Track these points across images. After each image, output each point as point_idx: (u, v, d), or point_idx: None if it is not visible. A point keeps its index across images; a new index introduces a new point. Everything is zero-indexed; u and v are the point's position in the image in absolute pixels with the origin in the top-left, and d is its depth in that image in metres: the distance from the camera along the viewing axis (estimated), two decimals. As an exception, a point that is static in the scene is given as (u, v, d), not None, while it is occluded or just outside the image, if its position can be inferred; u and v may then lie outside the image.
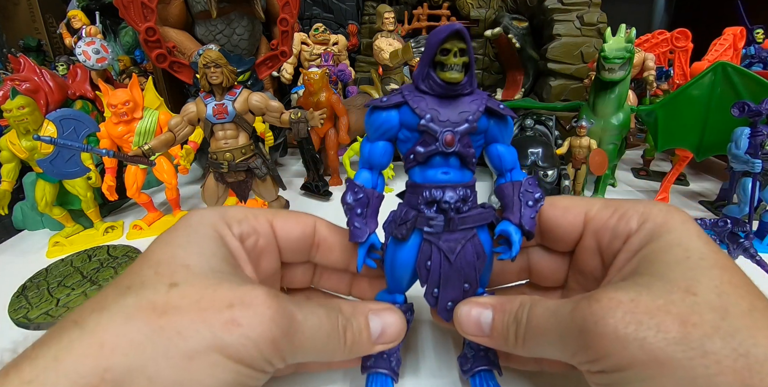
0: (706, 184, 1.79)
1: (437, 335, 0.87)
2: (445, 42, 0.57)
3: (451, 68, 0.58)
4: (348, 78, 2.33)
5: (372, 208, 0.66)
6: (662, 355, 0.40)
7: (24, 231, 1.52)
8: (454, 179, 0.64)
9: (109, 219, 1.57)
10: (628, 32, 1.34)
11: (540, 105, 1.76)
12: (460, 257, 0.63)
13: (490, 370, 0.70)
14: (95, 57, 1.53)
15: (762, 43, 2.09)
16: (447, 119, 0.61)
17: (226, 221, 0.59)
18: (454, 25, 0.56)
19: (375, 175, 0.67)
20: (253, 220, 0.62)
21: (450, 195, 0.62)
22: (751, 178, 1.17)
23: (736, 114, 1.13)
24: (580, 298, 0.49)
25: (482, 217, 0.65)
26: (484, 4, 2.34)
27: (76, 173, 1.36)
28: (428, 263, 0.64)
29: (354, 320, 0.57)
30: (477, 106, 0.62)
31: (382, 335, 0.59)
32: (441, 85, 0.59)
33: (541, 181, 1.39)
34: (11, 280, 1.18)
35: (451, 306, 0.65)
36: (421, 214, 0.63)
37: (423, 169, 0.64)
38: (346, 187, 0.66)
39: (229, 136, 1.11)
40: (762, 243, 1.24)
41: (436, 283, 0.64)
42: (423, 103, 0.61)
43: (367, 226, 0.64)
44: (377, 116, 0.63)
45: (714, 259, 0.47)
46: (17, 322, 1.02)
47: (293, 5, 1.82)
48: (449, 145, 0.61)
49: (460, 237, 0.64)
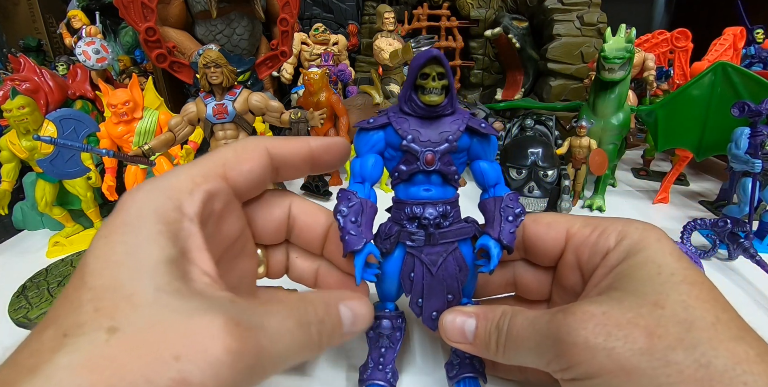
0: (706, 184, 1.79)
1: (429, 343, 0.88)
2: (424, 67, 0.60)
3: (431, 92, 0.61)
4: (348, 78, 2.33)
5: (366, 216, 0.66)
6: (628, 365, 0.43)
7: (24, 231, 1.52)
8: (436, 196, 0.67)
9: (109, 219, 1.57)
10: (628, 32, 1.34)
11: (540, 105, 1.77)
12: (441, 269, 0.67)
13: (475, 378, 0.73)
14: (95, 57, 1.53)
15: (762, 43, 2.09)
16: (428, 139, 0.65)
17: (174, 200, 0.49)
18: (431, 51, 0.60)
19: (367, 188, 0.68)
20: (203, 184, 0.52)
21: (430, 211, 0.66)
22: (751, 178, 1.17)
23: (736, 114, 1.13)
24: (556, 311, 0.52)
25: (463, 231, 0.68)
26: (484, 4, 2.34)
27: (76, 173, 1.36)
28: (411, 275, 0.68)
29: (327, 320, 0.52)
30: (457, 126, 0.65)
31: (352, 325, 0.57)
32: (422, 108, 0.63)
33: (541, 181, 1.40)
34: (11, 280, 1.18)
35: (435, 315, 0.69)
36: (404, 229, 0.67)
37: (406, 186, 0.68)
38: (339, 197, 0.65)
39: (229, 136, 1.11)
40: (762, 243, 1.24)
41: (419, 294, 0.68)
42: (406, 125, 0.65)
43: (363, 234, 0.64)
44: (364, 136, 0.67)
45: (683, 275, 0.50)
46: (17, 322, 1.02)
47: (293, 5, 1.82)
48: (429, 164, 0.65)
49: (441, 250, 0.67)
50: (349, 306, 0.56)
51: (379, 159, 0.68)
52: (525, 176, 1.41)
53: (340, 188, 0.67)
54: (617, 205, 1.57)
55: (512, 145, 1.52)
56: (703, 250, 1.20)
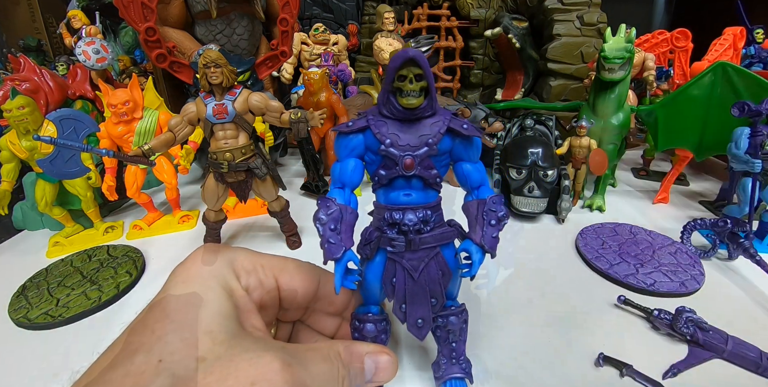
0: (706, 184, 1.79)
1: (417, 345, 0.89)
2: (400, 69, 0.58)
3: (409, 94, 0.60)
4: (348, 78, 2.33)
5: (346, 223, 0.64)
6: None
7: (24, 231, 1.52)
8: (416, 201, 0.66)
9: (109, 219, 1.57)
10: (628, 32, 1.34)
11: (540, 105, 1.77)
12: (423, 274, 0.67)
13: (461, 378, 0.74)
14: (95, 57, 1.53)
15: (762, 43, 2.09)
16: (407, 143, 0.63)
17: (235, 271, 0.61)
18: (407, 51, 0.57)
19: (347, 193, 0.67)
20: (260, 273, 0.64)
21: (410, 217, 0.65)
22: (751, 178, 1.17)
23: (736, 114, 1.13)
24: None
25: (444, 236, 0.68)
26: (484, 4, 2.34)
27: (76, 173, 1.36)
28: (393, 280, 0.67)
29: (351, 367, 0.61)
30: (438, 128, 0.63)
31: (376, 375, 0.64)
32: (400, 110, 0.61)
33: (541, 181, 1.40)
34: (11, 280, 1.19)
35: (421, 323, 0.68)
36: (384, 235, 0.66)
37: (386, 190, 0.67)
38: (318, 204, 0.64)
39: (229, 136, 1.11)
40: (762, 243, 1.24)
41: (402, 299, 0.68)
42: (384, 128, 0.63)
43: (343, 242, 0.63)
44: (343, 140, 0.65)
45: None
46: (17, 322, 1.02)
47: (293, 5, 1.82)
48: (408, 169, 0.63)
49: (423, 255, 0.67)
50: (374, 359, 0.64)
51: (359, 163, 0.67)
52: (525, 176, 1.41)
53: (319, 196, 0.66)
54: (617, 205, 1.57)
55: (512, 145, 1.52)
56: (703, 250, 1.20)
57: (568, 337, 0.91)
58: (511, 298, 1.04)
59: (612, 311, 0.99)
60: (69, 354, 0.92)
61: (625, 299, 0.98)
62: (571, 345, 0.89)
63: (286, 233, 1.33)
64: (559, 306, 1.01)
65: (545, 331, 0.93)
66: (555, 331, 0.93)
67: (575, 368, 0.83)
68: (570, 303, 1.02)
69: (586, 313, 0.99)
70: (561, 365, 0.84)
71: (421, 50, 1.72)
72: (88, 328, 1.00)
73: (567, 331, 0.93)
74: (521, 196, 1.41)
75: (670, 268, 1.12)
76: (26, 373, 0.88)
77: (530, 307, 1.01)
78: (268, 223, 1.47)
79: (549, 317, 0.98)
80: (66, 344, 0.95)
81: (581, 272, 1.15)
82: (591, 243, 1.25)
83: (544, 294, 1.06)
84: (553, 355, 0.86)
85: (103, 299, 1.07)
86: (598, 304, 1.02)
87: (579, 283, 1.11)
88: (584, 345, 0.89)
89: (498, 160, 1.62)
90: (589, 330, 0.93)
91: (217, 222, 1.23)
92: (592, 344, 0.89)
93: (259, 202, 1.58)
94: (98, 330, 0.99)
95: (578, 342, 0.90)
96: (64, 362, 0.90)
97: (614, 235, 1.30)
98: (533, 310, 1.00)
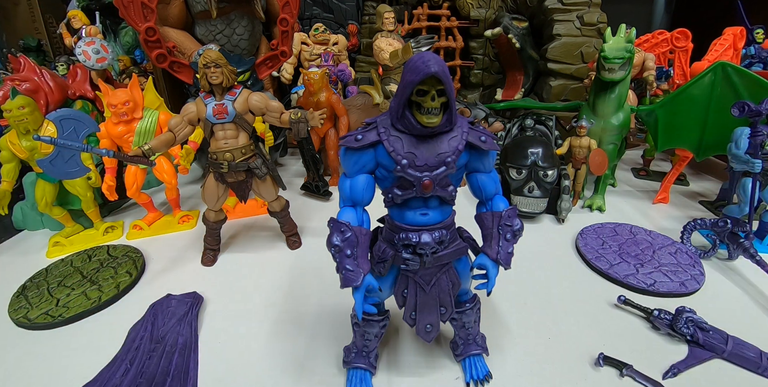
0: (706, 184, 1.79)
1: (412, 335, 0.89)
2: (421, 83, 0.54)
3: (429, 112, 0.55)
4: (348, 78, 2.33)
5: (362, 247, 0.62)
6: None
7: (24, 231, 1.52)
8: (433, 220, 0.63)
9: (109, 219, 1.57)
10: (628, 32, 1.34)
11: (540, 105, 1.76)
12: (435, 287, 0.67)
13: (479, 354, 0.78)
14: (95, 57, 1.53)
15: (762, 43, 2.09)
16: (424, 163, 0.59)
17: None
18: (429, 65, 0.52)
19: (359, 212, 0.64)
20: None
21: (426, 240, 0.61)
22: (751, 178, 1.17)
23: (736, 114, 1.13)
24: None
25: (457, 252, 0.67)
26: (484, 4, 2.34)
27: (76, 173, 1.36)
28: (405, 292, 0.67)
29: None
30: (456, 144, 0.60)
31: None
32: (418, 129, 0.57)
33: (541, 181, 1.40)
34: (11, 280, 1.19)
35: (430, 328, 0.69)
36: (398, 254, 0.64)
37: (401, 209, 0.63)
38: (330, 228, 0.62)
39: (229, 136, 1.11)
40: (762, 243, 1.24)
41: (413, 308, 0.68)
42: (399, 144, 0.59)
43: (360, 268, 0.61)
44: (352, 156, 0.61)
45: None
46: (17, 322, 1.02)
47: (293, 5, 1.82)
48: (427, 191, 0.59)
49: (435, 270, 0.66)
50: None
51: (371, 179, 0.63)
52: (525, 176, 1.41)
53: (331, 217, 0.63)
54: (617, 205, 1.57)
55: (512, 145, 1.52)
56: (703, 250, 1.20)
57: (568, 337, 0.91)
58: (510, 298, 1.04)
59: (612, 311, 0.99)
60: (69, 354, 0.92)
61: (625, 299, 0.98)
62: (570, 345, 0.89)
63: (286, 233, 1.33)
64: (559, 306, 1.02)
65: (544, 331, 0.93)
66: (554, 331, 0.93)
67: (575, 368, 0.83)
68: (570, 303, 1.03)
69: (586, 313, 0.99)
70: (561, 365, 0.84)
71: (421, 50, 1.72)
72: (88, 328, 1.00)
73: (567, 331, 0.93)
74: (521, 196, 1.41)
75: (670, 268, 1.12)
76: (26, 373, 0.88)
77: (529, 307, 1.01)
78: (268, 223, 1.47)
79: (548, 317, 0.98)
80: (66, 344, 0.95)
81: (581, 272, 1.16)
82: (591, 243, 1.25)
83: (544, 294, 1.06)
84: (553, 354, 0.87)
85: (103, 299, 1.07)
86: (598, 304, 1.02)
87: (579, 283, 1.11)
88: (584, 345, 0.89)
89: (498, 160, 1.62)
90: (589, 330, 0.93)
91: (217, 222, 1.23)
92: (592, 344, 0.89)
93: (259, 202, 1.58)
94: (98, 330, 0.99)
95: (578, 342, 0.90)
96: (64, 362, 0.90)
97: (614, 235, 1.30)
98: (533, 310, 1.00)
